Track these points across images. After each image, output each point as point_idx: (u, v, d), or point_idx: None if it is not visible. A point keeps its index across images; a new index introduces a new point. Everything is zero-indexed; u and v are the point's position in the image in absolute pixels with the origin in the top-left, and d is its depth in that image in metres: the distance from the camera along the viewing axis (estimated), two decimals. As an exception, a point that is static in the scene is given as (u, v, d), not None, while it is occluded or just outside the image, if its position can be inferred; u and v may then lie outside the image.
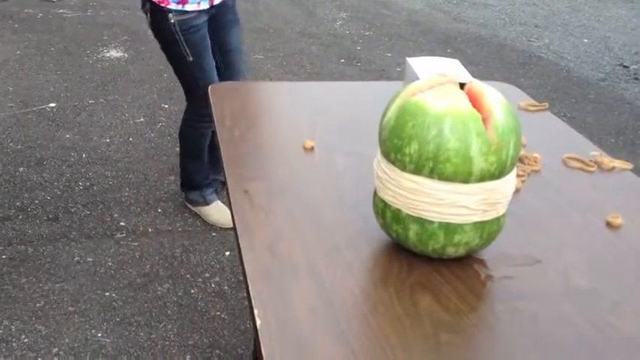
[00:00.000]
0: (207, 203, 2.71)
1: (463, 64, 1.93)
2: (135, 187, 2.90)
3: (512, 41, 5.58)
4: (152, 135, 3.37)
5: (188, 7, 2.29)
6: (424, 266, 1.04)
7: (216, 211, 2.70)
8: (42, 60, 4.28)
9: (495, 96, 1.00)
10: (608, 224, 1.16)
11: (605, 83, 4.71)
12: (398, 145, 1.00)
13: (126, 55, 4.48)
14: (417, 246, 1.04)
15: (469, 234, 1.01)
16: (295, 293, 0.96)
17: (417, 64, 1.69)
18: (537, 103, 1.71)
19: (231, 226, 2.50)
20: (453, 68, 1.67)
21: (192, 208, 2.75)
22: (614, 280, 1.03)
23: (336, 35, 5.40)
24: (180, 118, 2.67)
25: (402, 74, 1.74)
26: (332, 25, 5.65)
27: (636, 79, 4.84)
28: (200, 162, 2.68)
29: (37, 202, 2.75)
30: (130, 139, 3.32)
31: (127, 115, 3.58)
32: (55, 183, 2.89)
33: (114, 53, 4.50)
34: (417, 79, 1.61)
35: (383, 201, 1.06)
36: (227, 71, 2.51)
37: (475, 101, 1.00)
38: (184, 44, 2.34)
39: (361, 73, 4.55)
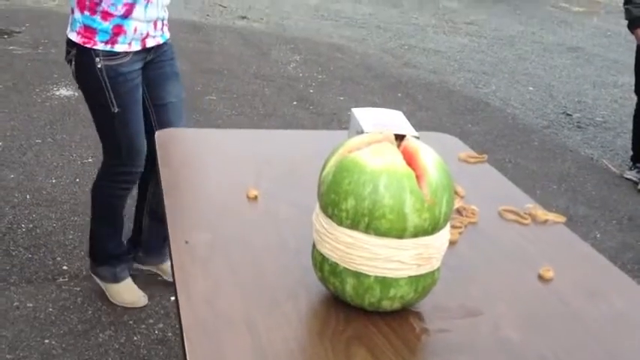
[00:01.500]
0: (116, 281, 2.42)
1: (413, 109, 2.00)
2: (80, 229, 2.85)
3: (460, 87, 5.74)
4: (100, 176, 3.34)
5: (118, 48, 2.04)
6: (361, 319, 1.06)
7: (126, 290, 2.43)
8: (-11, 98, 4.21)
9: (430, 154, 1.04)
10: (540, 277, 1.20)
11: (549, 131, 4.87)
12: (335, 200, 1.02)
13: (76, 94, 4.44)
14: (354, 299, 1.05)
15: (404, 288, 1.03)
16: (230, 347, 0.96)
17: (362, 114, 1.73)
18: (477, 155, 1.76)
19: (141, 305, 2.40)
20: (397, 120, 1.71)
21: (98, 282, 2.46)
22: (544, 333, 1.06)
23: (289, 78, 5.47)
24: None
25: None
26: (285, 68, 5.72)
27: (579, 127, 5.02)
28: (112, 228, 2.40)
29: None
30: (77, 179, 3.28)
31: (74, 155, 3.54)
32: (-3, 225, 2.83)
33: (64, 92, 4.46)
34: (361, 129, 1.65)
35: (321, 254, 1.07)
36: (159, 127, 2.18)
37: (410, 159, 1.03)
38: (110, 93, 2.08)
39: (313, 117, 4.61)
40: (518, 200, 1.51)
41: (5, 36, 5.62)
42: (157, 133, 1.76)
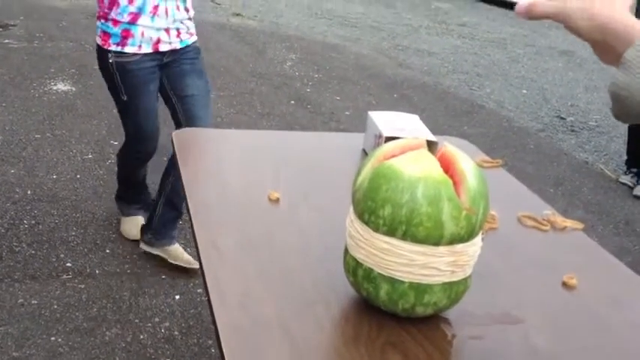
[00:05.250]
0: (125, 215, 2.85)
1: (410, 111, 2.00)
2: (82, 226, 2.84)
3: (455, 89, 5.77)
4: (101, 172, 3.33)
5: (127, 50, 2.39)
6: (393, 325, 1.07)
7: (128, 222, 2.83)
8: (-14, 91, 4.18)
9: (467, 161, 1.05)
10: (564, 284, 1.22)
11: (543, 134, 4.91)
12: (372, 207, 1.03)
13: (73, 89, 4.42)
14: (387, 305, 1.06)
15: (438, 294, 1.04)
16: (268, 349, 0.97)
17: (379, 118, 1.74)
18: (491, 160, 1.78)
19: (135, 239, 2.73)
20: (414, 124, 1.73)
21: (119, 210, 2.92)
22: (573, 341, 1.07)
23: (286, 76, 5.48)
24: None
25: (360, 125, 1.79)
26: (282, 67, 5.73)
27: (573, 131, 5.07)
28: (127, 183, 2.84)
29: (-21, 241, 2.67)
30: (78, 175, 3.26)
31: (74, 150, 3.52)
32: (-1, 220, 2.82)
33: (61, 86, 4.43)
34: (380, 133, 1.66)
35: (355, 259, 1.08)
36: (184, 117, 2.54)
37: (448, 165, 1.04)
38: (120, 83, 2.45)
39: (311, 116, 4.62)
40: (535, 206, 1.53)
41: (0, 29, 5.57)
42: (174, 133, 1.77)
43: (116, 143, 3.68)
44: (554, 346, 1.06)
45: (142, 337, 2.26)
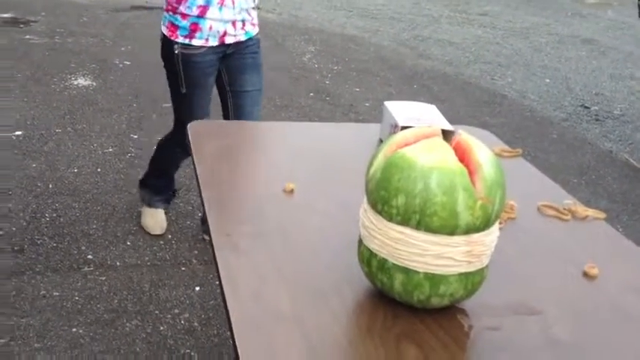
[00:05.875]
0: (149, 205, 2.83)
1: (430, 102, 1.98)
2: (103, 219, 2.86)
3: (476, 79, 5.71)
4: (121, 166, 3.34)
5: (195, 42, 2.38)
6: (408, 316, 1.05)
7: (151, 217, 2.82)
8: (8, 87, 4.21)
9: (483, 150, 1.03)
10: (585, 274, 1.20)
11: (567, 123, 4.84)
12: (385, 197, 1.02)
13: (94, 84, 4.44)
14: (402, 296, 1.05)
15: (454, 285, 1.02)
16: (281, 343, 0.97)
17: (395, 108, 1.72)
18: (511, 149, 1.75)
19: (158, 233, 2.76)
20: (431, 114, 1.71)
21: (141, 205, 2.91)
22: (594, 332, 1.05)
23: (304, 68, 5.46)
24: (149, 148, 2.70)
25: (379, 116, 1.77)
26: (300, 59, 5.71)
27: (597, 120, 4.99)
28: (160, 172, 2.81)
29: (1, 233, 2.69)
30: (99, 169, 3.28)
31: (95, 144, 3.54)
32: (21, 214, 2.84)
33: (82, 81, 4.46)
34: (395, 122, 1.64)
35: (369, 250, 1.07)
36: (234, 111, 2.56)
37: (463, 154, 1.02)
38: (182, 75, 2.44)
39: (330, 108, 4.60)
40: (556, 195, 1.51)
41: (22, 25, 5.62)
42: (189, 125, 1.77)
43: (136, 137, 3.70)
44: (575, 337, 1.04)
45: (162, 328, 2.27)
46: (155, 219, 2.82)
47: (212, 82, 2.52)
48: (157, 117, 3.95)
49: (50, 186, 3.08)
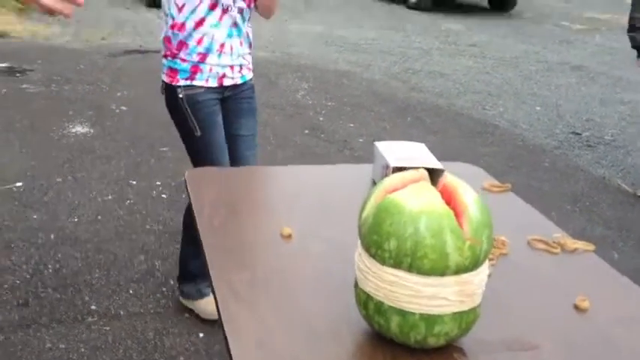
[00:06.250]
0: (201, 296, 2.64)
1: (423, 134, 2.05)
2: (105, 268, 2.89)
3: (468, 110, 5.79)
4: (121, 212, 3.38)
5: (196, 83, 2.41)
6: (407, 356, 1.09)
7: (206, 304, 2.63)
8: (7, 137, 4.28)
9: (469, 191, 1.07)
10: (576, 307, 1.23)
11: (559, 151, 4.90)
12: (377, 241, 1.06)
13: (92, 131, 4.51)
14: (399, 337, 1.08)
15: (449, 324, 1.06)
16: (284, 388, 1.00)
17: (386, 148, 1.77)
18: (500, 184, 1.80)
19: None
20: (421, 153, 1.76)
21: (187, 304, 2.68)
22: (585, 363, 1.08)
23: (298, 105, 5.54)
24: (148, 194, 2.71)
25: (371, 155, 1.82)
26: (294, 96, 5.79)
27: (589, 146, 5.05)
28: (197, 248, 2.58)
29: (5, 286, 2.72)
30: (99, 217, 3.32)
31: (94, 192, 3.59)
32: (24, 266, 2.87)
33: (79, 129, 4.52)
34: (387, 164, 1.69)
35: (365, 293, 1.11)
36: (230, 156, 2.52)
37: (450, 197, 1.07)
38: (192, 118, 2.42)
39: (325, 144, 4.66)
40: (545, 228, 1.55)
41: (18, 74, 5.71)
42: (187, 173, 1.81)
43: (134, 182, 3.75)
44: (567, 370, 1.07)
45: (167, 375, 2.29)
46: (212, 305, 2.53)
47: (221, 121, 2.50)
48: (155, 162, 4.00)
49: (52, 236, 3.12)
